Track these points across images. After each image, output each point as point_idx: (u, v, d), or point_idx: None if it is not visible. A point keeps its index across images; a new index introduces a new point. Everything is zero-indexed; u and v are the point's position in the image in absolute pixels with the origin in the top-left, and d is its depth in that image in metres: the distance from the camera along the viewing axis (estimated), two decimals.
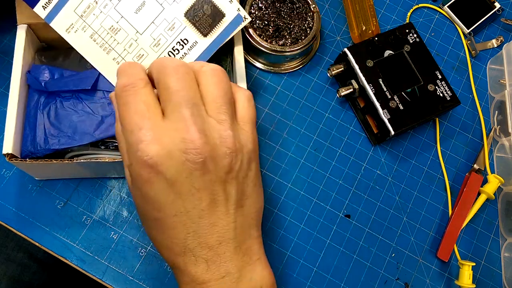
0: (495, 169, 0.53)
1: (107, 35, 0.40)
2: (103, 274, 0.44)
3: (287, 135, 0.51)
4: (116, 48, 0.41)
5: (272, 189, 0.49)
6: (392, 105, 0.49)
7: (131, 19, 0.40)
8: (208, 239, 0.30)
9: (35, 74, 0.42)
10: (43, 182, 0.46)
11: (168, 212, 0.29)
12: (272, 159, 0.50)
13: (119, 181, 0.47)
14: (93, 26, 0.40)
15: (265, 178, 0.49)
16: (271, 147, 0.50)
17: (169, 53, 0.41)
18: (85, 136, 0.41)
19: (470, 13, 0.59)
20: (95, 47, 0.41)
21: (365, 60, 0.50)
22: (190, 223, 0.29)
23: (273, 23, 0.51)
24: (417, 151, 0.53)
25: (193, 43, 0.40)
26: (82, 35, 0.40)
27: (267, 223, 0.48)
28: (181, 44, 0.40)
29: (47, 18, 0.40)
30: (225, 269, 0.30)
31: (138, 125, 0.28)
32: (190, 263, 0.30)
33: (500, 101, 0.54)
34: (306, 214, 0.49)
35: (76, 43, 0.41)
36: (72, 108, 0.42)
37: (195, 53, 0.41)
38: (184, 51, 0.41)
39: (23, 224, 0.44)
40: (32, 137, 0.41)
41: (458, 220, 0.49)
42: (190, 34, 0.40)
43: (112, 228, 0.45)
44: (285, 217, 0.48)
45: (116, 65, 0.41)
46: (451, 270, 0.49)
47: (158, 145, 0.28)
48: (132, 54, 0.41)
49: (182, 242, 0.30)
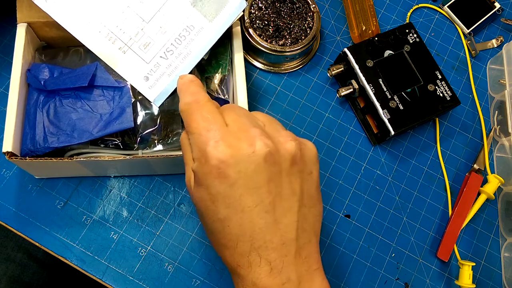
0: (495, 169, 0.53)
1: (112, 25, 0.40)
2: (103, 274, 0.44)
3: None
4: (122, 38, 0.40)
5: None
6: (392, 105, 0.49)
7: (137, 8, 0.40)
8: (273, 237, 0.30)
9: (34, 73, 0.42)
10: (43, 182, 0.46)
11: (237, 208, 0.29)
12: None
13: (119, 181, 0.47)
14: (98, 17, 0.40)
15: None
16: None
17: (176, 40, 0.41)
18: (84, 134, 0.41)
19: (470, 13, 0.59)
20: (100, 38, 0.40)
21: (365, 60, 0.50)
22: (257, 219, 0.29)
23: (273, 23, 0.51)
24: (417, 151, 0.53)
25: (199, 28, 0.40)
26: (87, 28, 0.40)
27: None
28: (188, 30, 0.41)
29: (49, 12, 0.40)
30: (286, 275, 0.30)
31: (206, 128, 0.30)
32: (255, 263, 0.30)
33: (500, 101, 0.54)
34: None
35: (82, 37, 0.40)
36: (71, 106, 0.42)
37: (202, 39, 0.41)
38: (191, 37, 0.41)
39: (23, 224, 0.44)
40: (31, 136, 0.41)
41: (458, 220, 0.49)
42: (196, 20, 0.40)
43: (112, 228, 0.45)
44: None
45: (123, 54, 0.41)
46: (451, 270, 0.49)
47: (226, 142, 0.29)
48: (138, 43, 0.40)
49: (248, 240, 0.30)
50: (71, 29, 0.40)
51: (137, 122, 0.43)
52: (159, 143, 0.44)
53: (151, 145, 0.44)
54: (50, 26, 0.43)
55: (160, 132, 0.44)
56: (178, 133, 0.44)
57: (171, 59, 0.41)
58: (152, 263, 0.45)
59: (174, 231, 0.46)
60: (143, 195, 0.47)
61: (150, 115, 0.44)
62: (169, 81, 0.42)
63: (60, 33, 0.44)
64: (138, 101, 0.43)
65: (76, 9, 0.40)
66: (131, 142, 0.43)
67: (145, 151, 0.43)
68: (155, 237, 0.46)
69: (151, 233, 0.46)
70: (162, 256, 0.45)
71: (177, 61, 0.41)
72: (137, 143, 0.43)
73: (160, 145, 0.44)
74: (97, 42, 0.41)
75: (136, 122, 0.43)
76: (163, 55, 0.41)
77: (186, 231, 0.46)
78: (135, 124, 0.43)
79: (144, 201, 0.47)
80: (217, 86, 0.47)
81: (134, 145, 0.43)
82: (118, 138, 0.43)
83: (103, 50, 0.41)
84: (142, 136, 0.43)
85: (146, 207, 0.47)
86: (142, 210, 0.46)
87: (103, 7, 0.40)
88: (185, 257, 0.45)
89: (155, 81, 0.42)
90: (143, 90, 0.42)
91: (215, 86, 0.47)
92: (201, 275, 0.45)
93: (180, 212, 0.47)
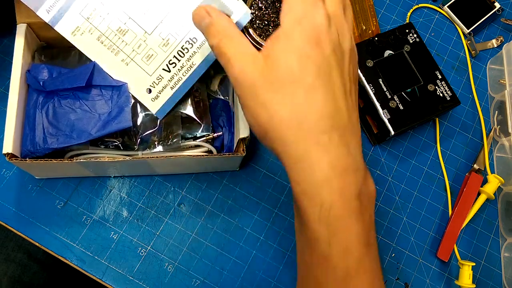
0: (495, 169, 0.53)
1: (115, 37, 0.40)
2: (103, 274, 0.44)
3: None
4: (124, 49, 0.40)
5: (272, 189, 0.49)
6: (392, 105, 0.48)
7: (139, 19, 0.40)
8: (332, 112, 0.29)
9: (34, 73, 0.42)
10: (43, 182, 0.46)
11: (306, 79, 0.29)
12: (272, 159, 0.50)
13: (119, 181, 0.47)
14: (100, 28, 0.40)
15: (264, 179, 0.49)
16: None
17: (178, 52, 0.41)
18: (83, 134, 0.41)
19: (470, 13, 0.59)
20: (103, 49, 0.40)
21: (365, 60, 0.50)
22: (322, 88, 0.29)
23: (273, 23, 0.51)
24: (417, 151, 0.53)
25: (202, 41, 0.40)
26: (89, 38, 0.40)
27: (266, 222, 0.48)
28: (190, 43, 0.40)
29: (52, 22, 0.40)
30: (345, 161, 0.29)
31: None
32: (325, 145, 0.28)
33: (500, 101, 0.54)
34: None
35: (83, 46, 0.40)
36: (69, 106, 0.42)
37: (205, 52, 0.41)
38: (194, 50, 0.41)
39: (23, 224, 0.44)
40: (31, 137, 0.41)
41: (458, 220, 0.49)
42: (199, 33, 0.40)
43: (112, 228, 0.45)
44: (286, 218, 0.48)
45: (125, 66, 0.41)
46: (451, 270, 0.49)
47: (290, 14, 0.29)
48: (141, 54, 0.40)
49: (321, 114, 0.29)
50: (73, 40, 0.40)
51: (137, 123, 0.43)
52: (159, 144, 0.44)
53: (151, 146, 0.44)
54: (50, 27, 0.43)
55: (160, 133, 0.44)
56: (178, 134, 0.44)
57: (174, 71, 0.41)
58: (152, 263, 0.45)
59: (174, 231, 0.46)
60: (143, 195, 0.47)
61: (150, 117, 0.44)
62: (172, 93, 0.42)
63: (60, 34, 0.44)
64: (138, 103, 0.44)
65: (78, 20, 0.40)
66: (131, 143, 0.43)
67: (145, 152, 0.43)
68: (155, 237, 0.46)
69: (151, 233, 0.46)
70: (162, 256, 0.45)
71: (180, 73, 0.41)
72: (137, 144, 0.43)
73: (160, 146, 0.44)
74: (100, 53, 0.41)
75: (136, 123, 0.43)
76: (165, 68, 0.41)
77: (186, 231, 0.46)
78: (135, 125, 0.43)
79: (144, 201, 0.47)
80: (217, 87, 0.47)
81: (134, 146, 0.43)
82: (118, 139, 0.43)
83: (106, 61, 0.41)
84: (142, 137, 0.43)
85: (146, 207, 0.47)
86: (142, 210, 0.46)
87: (105, 19, 0.40)
88: (185, 257, 0.45)
89: (157, 93, 0.42)
90: (146, 102, 0.42)
91: (215, 86, 0.47)
92: (201, 275, 0.45)
93: (180, 212, 0.47)
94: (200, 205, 0.47)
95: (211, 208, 0.47)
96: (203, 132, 0.45)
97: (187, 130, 0.45)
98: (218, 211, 0.47)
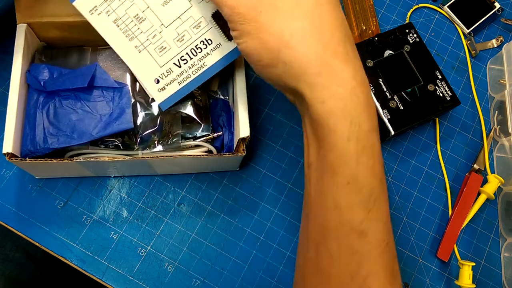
0: (495, 169, 0.53)
1: (131, 23, 0.40)
2: (103, 274, 0.44)
3: (287, 135, 0.51)
4: (139, 37, 0.40)
5: (272, 189, 0.49)
6: (392, 105, 0.49)
7: (158, 10, 0.39)
8: None
9: (34, 73, 0.42)
10: (43, 182, 0.46)
11: None
12: (272, 159, 0.50)
13: (119, 181, 0.47)
14: (118, 11, 0.40)
15: (264, 179, 0.49)
16: (271, 147, 0.50)
17: (191, 50, 0.41)
18: (84, 135, 0.41)
19: (470, 13, 0.59)
20: (118, 33, 0.40)
21: (365, 60, 0.50)
22: None
23: None
24: (417, 151, 0.53)
25: (216, 44, 0.40)
26: (106, 19, 0.40)
27: (266, 222, 0.48)
28: (205, 43, 0.40)
29: None
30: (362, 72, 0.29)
31: None
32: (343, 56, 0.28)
33: (500, 101, 0.54)
34: None
35: (99, 26, 0.40)
36: (70, 107, 0.42)
37: (218, 55, 0.41)
38: (207, 51, 0.41)
39: (23, 224, 0.44)
40: (32, 136, 0.41)
41: (458, 220, 0.49)
42: (215, 36, 0.40)
43: (112, 228, 0.45)
44: (286, 218, 0.48)
45: (138, 53, 0.41)
46: (451, 270, 0.49)
47: None
48: (154, 45, 0.40)
49: None
50: (90, 18, 0.40)
51: (137, 123, 0.43)
52: (159, 143, 0.44)
53: (151, 145, 0.44)
54: (50, 27, 0.43)
55: (160, 132, 0.44)
56: (178, 134, 0.44)
57: (184, 68, 0.41)
58: (152, 263, 0.45)
59: (174, 231, 0.46)
60: (143, 195, 0.47)
61: (150, 116, 0.44)
62: (179, 88, 0.42)
63: (60, 33, 0.44)
64: (138, 102, 0.44)
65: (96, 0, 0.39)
66: (131, 142, 0.43)
67: (145, 151, 0.43)
68: (155, 237, 0.46)
69: (151, 233, 0.46)
70: (162, 256, 0.45)
71: (189, 71, 0.41)
72: (137, 144, 0.43)
73: (160, 146, 0.44)
74: (114, 35, 0.40)
75: (136, 123, 0.43)
76: (176, 62, 0.41)
77: (186, 231, 0.46)
78: (135, 125, 0.43)
79: (144, 201, 0.47)
80: (217, 87, 0.47)
81: (134, 146, 0.43)
82: (118, 138, 0.43)
83: (119, 45, 0.40)
84: (142, 137, 0.43)
85: (146, 207, 0.47)
86: (142, 210, 0.46)
87: (123, 3, 0.39)
88: (185, 257, 0.45)
89: (165, 85, 0.42)
90: (152, 91, 0.42)
91: (215, 86, 0.47)
92: (201, 275, 0.45)
93: (180, 212, 0.47)
94: (200, 205, 0.47)
95: (211, 208, 0.47)
96: (203, 132, 0.45)
97: (187, 130, 0.45)
98: (218, 211, 0.47)
